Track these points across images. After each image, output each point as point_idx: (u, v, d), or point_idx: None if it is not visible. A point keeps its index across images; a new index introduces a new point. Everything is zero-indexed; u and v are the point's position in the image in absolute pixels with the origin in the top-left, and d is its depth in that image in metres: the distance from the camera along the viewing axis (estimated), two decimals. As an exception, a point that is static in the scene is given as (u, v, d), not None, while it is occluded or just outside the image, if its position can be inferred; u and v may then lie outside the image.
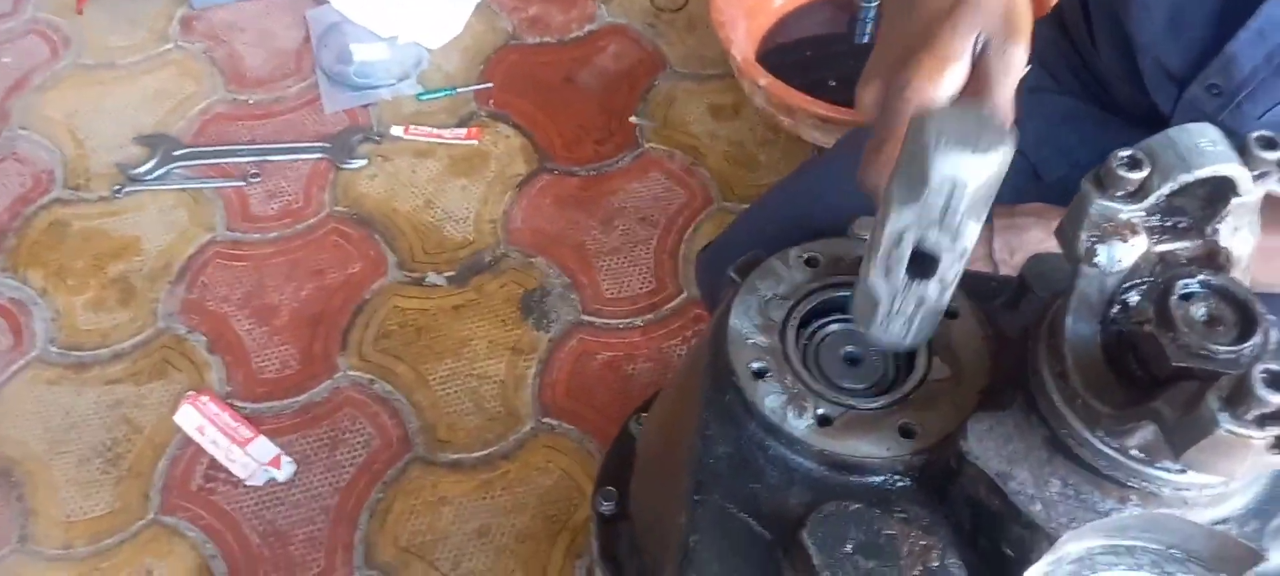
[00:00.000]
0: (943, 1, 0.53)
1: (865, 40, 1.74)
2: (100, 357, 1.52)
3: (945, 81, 0.51)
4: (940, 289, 0.46)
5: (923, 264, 0.45)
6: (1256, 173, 0.41)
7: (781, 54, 1.72)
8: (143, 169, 1.70)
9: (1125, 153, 0.41)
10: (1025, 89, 1.02)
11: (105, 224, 1.67)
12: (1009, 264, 0.81)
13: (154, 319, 1.56)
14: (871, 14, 1.71)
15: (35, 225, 1.67)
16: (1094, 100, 0.97)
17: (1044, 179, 0.98)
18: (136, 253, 1.63)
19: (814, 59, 1.71)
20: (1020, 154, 1.02)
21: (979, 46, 0.52)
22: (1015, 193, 1.02)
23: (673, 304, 1.57)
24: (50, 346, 1.53)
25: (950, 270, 0.45)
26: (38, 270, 1.61)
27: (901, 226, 0.43)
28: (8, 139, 1.78)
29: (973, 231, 0.43)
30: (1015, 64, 0.52)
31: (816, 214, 0.57)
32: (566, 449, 1.43)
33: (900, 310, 0.47)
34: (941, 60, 0.51)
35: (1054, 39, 1.01)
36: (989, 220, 0.79)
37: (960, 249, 0.44)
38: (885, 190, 0.44)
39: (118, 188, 1.69)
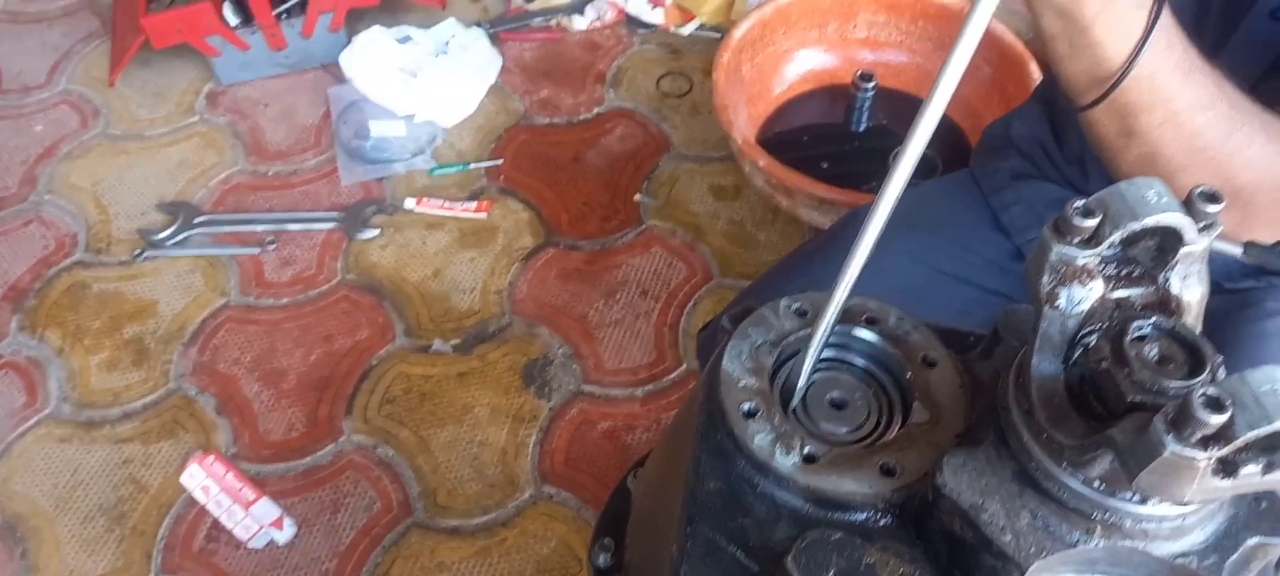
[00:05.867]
0: None
1: (860, 128, 1.81)
2: (111, 417, 1.55)
3: None
4: None
5: None
6: (1201, 224, 0.45)
7: (780, 140, 1.78)
8: (163, 235, 1.75)
9: (1079, 202, 0.45)
10: (1009, 176, 1.08)
11: (123, 287, 1.71)
12: None
13: (166, 380, 1.59)
14: (866, 104, 1.78)
15: (55, 286, 1.71)
16: (1073, 186, 1.02)
17: (1027, 259, 1.03)
18: (152, 315, 1.67)
19: (811, 145, 1.77)
20: (1003, 235, 1.07)
21: None
22: (1000, 272, 1.06)
23: (672, 376, 1.60)
24: (63, 404, 1.56)
25: None
26: (55, 330, 1.65)
27: None
28: (34, 204, 1.84)
29: None
30: None
31: (812, 292, 0.61)
32: (564, 517, 1.44)
33: None
34: None
35: (1035, 134, 1.07)
36: None
37: None
38: None
39: (138, 252, 1.74)
